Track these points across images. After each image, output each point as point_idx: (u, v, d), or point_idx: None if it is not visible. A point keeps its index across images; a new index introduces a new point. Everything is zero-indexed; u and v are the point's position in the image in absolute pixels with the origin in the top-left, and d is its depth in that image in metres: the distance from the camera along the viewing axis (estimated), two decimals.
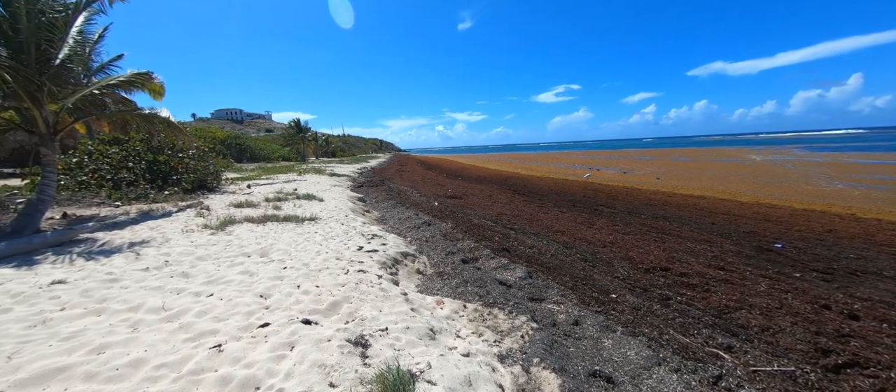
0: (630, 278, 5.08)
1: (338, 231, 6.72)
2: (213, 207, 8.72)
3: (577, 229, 8.09)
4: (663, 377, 2.84)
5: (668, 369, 2.92)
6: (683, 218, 9.25)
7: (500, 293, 4.61)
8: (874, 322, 3.68)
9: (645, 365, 2.99)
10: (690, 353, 3.18)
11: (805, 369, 2.93)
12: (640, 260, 5.71)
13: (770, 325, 3.59)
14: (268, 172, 21.56)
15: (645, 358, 3.06)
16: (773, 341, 3.35)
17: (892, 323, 3.63)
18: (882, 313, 3.83)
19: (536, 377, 2.82)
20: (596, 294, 4.60)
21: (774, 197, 12.43)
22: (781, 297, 4.27)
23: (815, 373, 2.89)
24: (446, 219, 9.44)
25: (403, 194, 14.91)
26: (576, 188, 16.07)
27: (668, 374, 2.87)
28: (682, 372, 2.89)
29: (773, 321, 3.65)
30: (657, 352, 3.17)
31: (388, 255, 5.47)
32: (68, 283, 3.78)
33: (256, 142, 45.98)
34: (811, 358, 3.11)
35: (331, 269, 4.46)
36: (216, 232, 6.21)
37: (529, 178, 21.67)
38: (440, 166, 37.23)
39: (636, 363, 3.02)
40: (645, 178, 19.82)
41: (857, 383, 2.78)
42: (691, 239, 7.13)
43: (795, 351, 3.18)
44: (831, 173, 18.37)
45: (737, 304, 4.09)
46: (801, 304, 4.07)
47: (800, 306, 3.99)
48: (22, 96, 5.88)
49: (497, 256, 6.16)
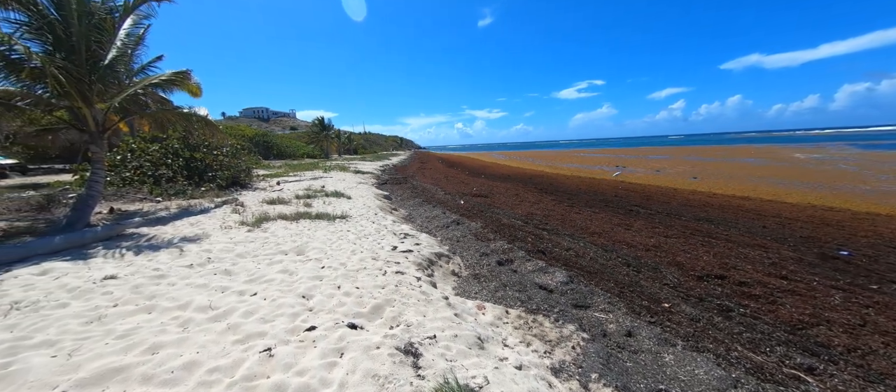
0: (682, 286, 4.74)
1: (369, 230, 6.67)
2: (247, 204, 8.91)
3: (614, 231, 7.72)
4: (700, 362, 2.56)
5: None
6: (729, 220, 8.67)
7: (541, 299, 4.39)
8: None
9: (718, 387, 2.71)
10: (767, 375, 2.87)
11: None
12: (690, 266, 5.34)
13: (856, 344, 3.21)
14: (294, 169, 22.04)
15: (717, 378, 2.78)
16: (863, 364, 2.98)
17: None
18: None
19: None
20: (646, 302, 4.31)
21: (828, 199, 11.49)
22: (862, 312, 3.84)
23: None
24: (475, 218, 9.26)
25: (428, 192, 14.83)
26: (606, 187, 15.49)
27: (709, 362, 2.59)
28: None
29: (859, 340, 3.27)
30: (729, 372, 2.88)
31: (423, 255, 5.36)
32: (119, 278, 3.87)
33: (282, 139, 47.27)
34: None
35: (368, 270, 4.37)
36: (253, 229, 6.30)
37: (555, 176, 21.12)
38: (461, 164, 37.02)
39: (707, 384, 2.75)
40: (679, 177, 18.88)
41: None
42: (742, 244, 6.63)
43: (894, 377, 2.81)
44: (892, 174, 16.85)
45: (811, 318, 3.71)
46: (888, 320, 3.63)
47: (887, 324, 3.57)
48: (74, 96, 6.13)
49: (533, 258, 5.93)
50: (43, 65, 5.63)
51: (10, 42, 5.64)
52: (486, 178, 20.58)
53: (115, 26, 6.93)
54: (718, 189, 14.26)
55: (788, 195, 12.32)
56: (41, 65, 5.64)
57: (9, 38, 5.59)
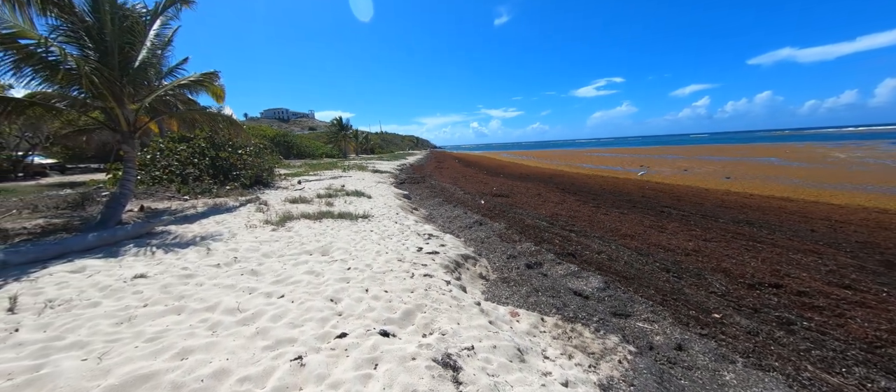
0: (731, 295, 4.37)
1: (393, 230, 6.54)
2: (270, 203, 8.96)
3: (647, 233, 7.32)
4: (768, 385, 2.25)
5: None
6: (772, 223, 8.10)
7: (578, 305, 4.13)
8: None
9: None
10: None
11: None
12: (737, 273, 4.94)
13: None
14: (314, 169, 22.32)
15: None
16: None
17: None
18: None
19: None
20: (693, 312, 3.98)
21: (882, 201, 10.62)
22: None
23: None
24: (498, 218, 9.02)
25: (447, 192, 14.65)
26: (631, 187, 14.91)
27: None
28: None
29: None
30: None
31: (449, 257, 5.17)
32: (149, 277, 3.85)
33: (301, 139, 48.17)
34: None
35: (395, 272, 4.22)
36: (277, 228, 6.27)
37: (576, 175, 20.56)
38: (479, 163, 36.69)
39: None
40: (710, 177, 18.00)
41: None
42: (792, 248, 6.14)
43: None
44: None
45: (890, 335, 3.30)
46: None
47: None
48: (107, 97, 6.26)
49: (563, 261, 5.65)
50: (78, 66, 5.77)
51: (46, 44, 5.79)
52: (506, 178, 20.24)
53: (144, 29, 7.07)
54: (755, 190, 13.47)
55: (834, 196, 11.48)
56: (76, 66, 5.78)
57: (46, 41, 5.75)
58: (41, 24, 6.17)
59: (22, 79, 5.93)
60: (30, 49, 5.78)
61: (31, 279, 3.74)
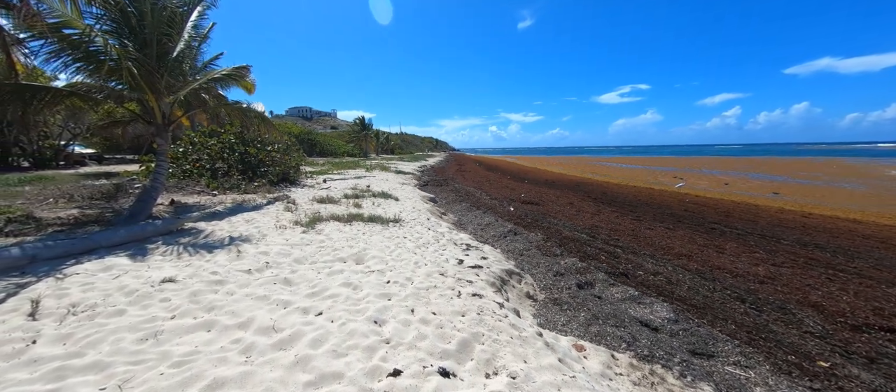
0: (833, 337, 3.70)
1: (427, 237, 6.13)
2: (298, 202, 8.74)
3: (703, 254, 6.62)
4: None
5: None
6: (847, 248, 7.21)
7: (649, 340, 3.57)
8: None
9: None
10: None
11: None
12: (833, 309, 4.25)
13: None
14: (338, 167, 22.32)
15: None
16: None
17: None
18: None
19: None
20: (793, 358, 3.36)
21: None
22: None
23: None
24: (533, 228, 8.47)
25: (473, 196, 14.19)
26: (670, 200, 14.01)
27: None
28: None
29: None
30: None
31: (494, 272, 4.70)
32: (177, 282, 3.57)
33: (324, 138, 48.83)
34: None
35: (439, 289, 3.79)
36: (307, 230, 5.97)
37: (606, 184, 19.67)
38: (500, 168, 36.03)
39: None
40: (755, 191, 16.78)
41: None
42: (885, 281, 5.33)
43: None
44: None
45: None
46: None
47: None
48: (145, 88, 6.15)
49: (617, 283, 5.08)
50: (118, 57, 5.66)
51: (90, 34, 5.71)
52: (531, 184, 19.58)
53: (182, 20, 6.96)
54: (811, 207, 12.35)
55: None
56: (116, 57, 5.67)
57: (90, 30, 5.67)
58: (86, 13, 6.13)
59: (66, 69, 5.88)
60: (74, 38, 5.72)
61: (57, 278, 3.53)
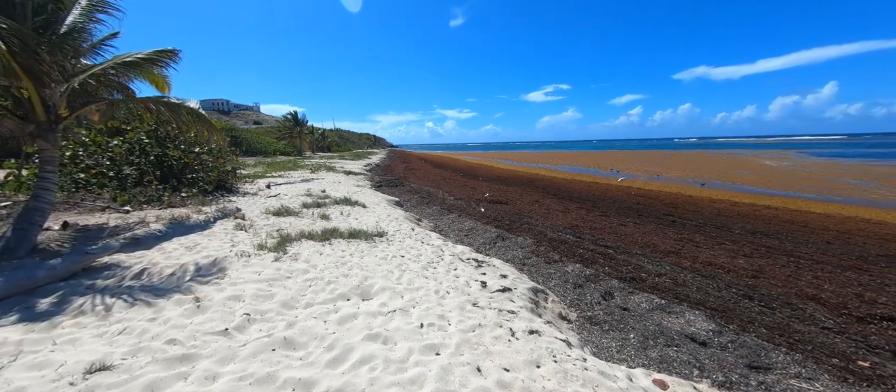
0: (850, 331, 3.91)
1: (427, 254, 5.35)
2: (249, 216, 7.19)
3: (685, 249, 6.93)
4: None
5: None
6: (784, 234, 8.21)
7: (710, 360, 3.37)
8: None
9: None
10: None
11: None
12: (834, 302, 4.56)
13: None
14: (274, 168, 19.81)
15: None
16: None
17: None
18: None
19: None
20: (837, 361, 3.41)
21: (848, 209, 11.55)
22: None
23: None
24: (517, 232, 8.16)
25: (437, 197, 13.55)
26: (619, 193, 14.99)
27: None
28: None
29: None
30: None
31: (523, 294, 4.16)
32: (114, 368, 2.35)
33: (251, 135, 43.56)
34: None
35: (487, 327, 3.13)
36: (279, 256, 4.76)
37: (556, 180, 20.54)
38: (448, 165, 35.85)
39: None
40: (683, 182, 18.93)
41: None
42: (837, 265, 6.04)
43: None
44: (881, 182, 17.78)
45: None
46: None
47: None
48: (17, 71, 4.29)
49: (635, 290, 4.92)
50: None
51: None
52: (486, 181, 19.59)
53: None
54: (733, 197, 14.18)
55: (807, 205, 12.34)
56: None
57: None
58: None
59: None
60: None
61: None
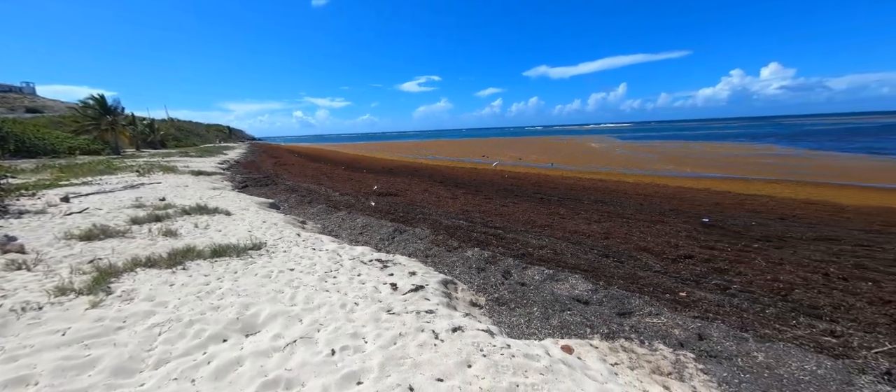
0: (670, 271, 5.18)
1: (324, 262, 4.67)
2: (34, 246, 4.89)
3: (557, 222, 8.09)
4: (795, 354, 2.77)
5: None
6: (612, 200, 10.52)
7: (595, 316, 3.94)
8: (860, 275, 4.68)
9: (826, 374, 2.87)
10: (794, 340, 3.27)
11: None
12: (656, 250, 5.97)
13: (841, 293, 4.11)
14: (72, 173, 14.36)
15: (825, 368, 2.95)
16: (783, 291, 3.81)
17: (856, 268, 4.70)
18: (849, 270, 4.93)
19: None
20: (668, 296, 4.46)
21: (648, 177, 15.67)
22: (776, 267, 5.06)
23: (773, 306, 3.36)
24: (414, 223, 8.05)
25: (318, 194, 12.29)
26: (495, 177, 16.60)
27: (803, 351, 2.83)
28: None
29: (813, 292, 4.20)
30: (806, 352, 3.13)
31: (436, 289, 4.04)
32: None
33: (24, 127, 30.51)
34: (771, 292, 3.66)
35: (410, 336, 2.86)
36: (98, 298, 3.33)
37: (440, 168, 21.38)
38: (326, 158, 33.17)
39: (814, 373, 2.88)
40: (540, 164, 22.29)
41: None
42: (649, 221, 8.02)
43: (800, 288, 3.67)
44: (665, 157, 24.69)
45: (785, 282, 4.59)
46: (792, 267, 4.88)
47: (792, 269, 4.77)
48: None
49: (527, 265, 5.44)
50: None
51: None
52: (372, 173, 18.91)
53: None
54: (576, 173, 17.45)
55: (620, 177, 16.20)
56: None
57: None
58: None
59: None
60: None
61: None
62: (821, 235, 6.68)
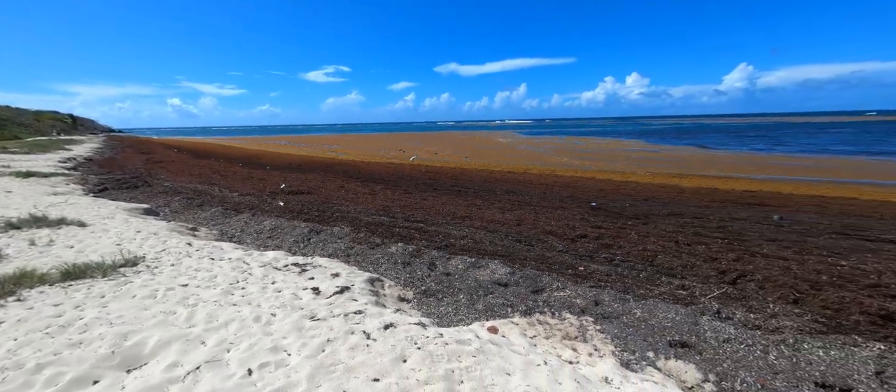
0: (570, 250, 5.96)
1: (227, 273, 4.06)
2: None
3: (474, 212, 8.54)
4: (660, 306, 3.64)
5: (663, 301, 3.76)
6: (521, 190, 11.58)
7: (515, 296, 4.32)
8: (701, 241, 6.08)
9: (681, 319, 3.70)
10: (653, 290, 4.20)
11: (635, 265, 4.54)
12: (560, 233, 6.78)
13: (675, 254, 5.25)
14: None
15: (680, 315, 3.79)
16: (649, 256, 4.93)
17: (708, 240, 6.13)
18: (695, 238, 6.38)
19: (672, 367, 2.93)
20: (571, 271, 5.14)
21: (547, 168, 17.62)
22: (644, 239, 6.28)
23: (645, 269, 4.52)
24: (331, 222, 7.60)
25: (210, 196, 10.66)
26: (413, 172, 16.66)
27: (665, 303, 3.70)
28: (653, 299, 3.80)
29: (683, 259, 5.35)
30: (655, 301, 3.99)
31: (363, 289, 3.90)
32: None
33: None
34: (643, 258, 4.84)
35: (338, 339, 2.71)
36: None
37: (354, 163, 20.49)
38: (216, 153, 28.73)
39: (665, 311, 3.69)
40: (455, 158, 23.12)
41: None
42: (551, 207, 9.09)
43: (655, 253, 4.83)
44: (560, 150, 27.87)
45: (653, 251, 5.67)
46: (657, 238, 6.14)
47: (657, 240, 6.02)
48: None
49: (451, 256, 5.65)
50: None
51: None
52: (277, 170, 17.14)
53: None
54: (488, 166, 18.64)
55: (526, 168, 17.90)
56: None
57: None
58: None
59: None
60: None
61: None
62: (672, 212, 8.47)
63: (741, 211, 8.52)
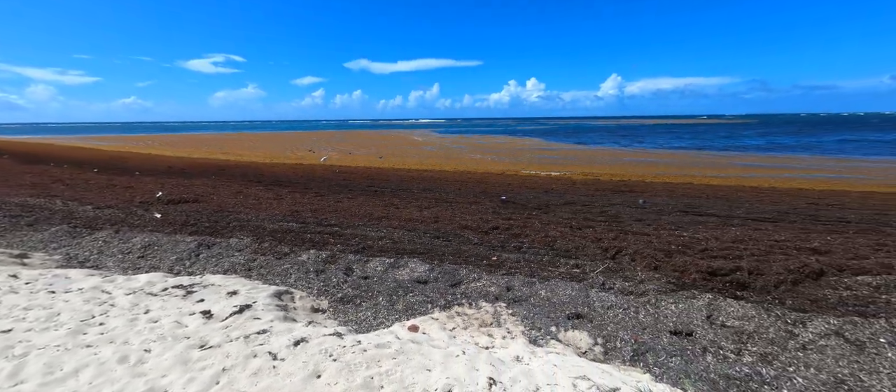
0: (485, 243, 6.32)
1: (77, 307, 3.19)
2: None
3: (392, 212, 8.41)
4: (560, 285, 4.23)
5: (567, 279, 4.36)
6: (437, 188, 11.86)
7: (435, 291, 4.40)
8: (587, 225, 7.04)
9: (576, 294, 4.26)
10: (553, 273, 4.82)
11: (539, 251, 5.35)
12: (474, 226, 7.11)
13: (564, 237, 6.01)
14: None
15: (575, 290, 4.34)
16: (551, 242, 5.70)
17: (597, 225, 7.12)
18: (586, 224, 7.36)
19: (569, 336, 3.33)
20: (485, 262, 5.46)
21: (462, 166, 18.37)
22: (546, 226, 7.06)
23: (547, 254, 5.35)
24: (226, 233, 6.66)
25: (49, 211, 8.38)
26: (325, 172, 15.66)
27: (564, 282, 4.30)
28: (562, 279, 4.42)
29: (567, 239, 6.12)
30: (562, 281, 4.55)
31: (269, 304, 3.49)
32: None
33: None
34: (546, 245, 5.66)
35: (237, 366, 2.38)
36: None
37: (255, 164, 18.29)
38: (56, 156, 22.59)
39: (564, 289, 4.23)
40: (370, 157, 22.41)
41: None
42: (466, 203, 9.52)
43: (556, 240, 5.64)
44: (473, 148, 29.16)
45: (555, 237, 6.35)
46: (555, 226, 6.96)
47: (555, 227, 6.84)
48: None
49: (369, 258, 5.47)
50: None
51: None
52: (150, 175, 14.30)
53: None
54: (404, 165, 18.58)
55: (441, 166, 18.38)
56: None
57: None
58: None
59: None
60: None
61: None
62: (566, 201, 9.67)
63: (616, 197, 10.18)
